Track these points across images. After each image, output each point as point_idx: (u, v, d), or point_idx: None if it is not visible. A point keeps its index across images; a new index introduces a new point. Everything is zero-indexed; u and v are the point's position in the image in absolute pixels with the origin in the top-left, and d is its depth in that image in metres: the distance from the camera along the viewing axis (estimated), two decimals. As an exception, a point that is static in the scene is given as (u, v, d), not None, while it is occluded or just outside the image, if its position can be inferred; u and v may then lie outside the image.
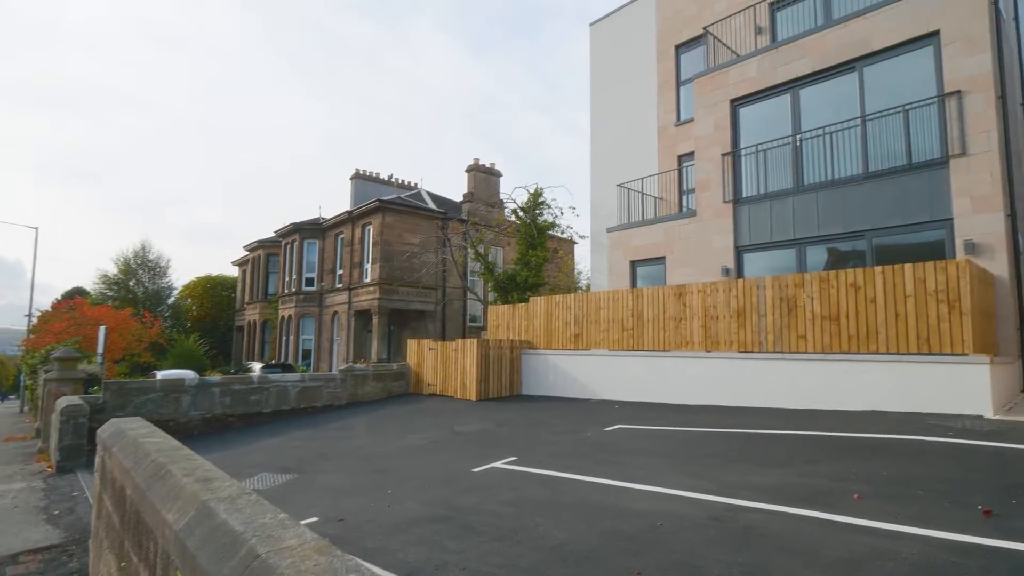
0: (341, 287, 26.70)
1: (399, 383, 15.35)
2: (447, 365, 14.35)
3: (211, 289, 40.33)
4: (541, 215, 20.84)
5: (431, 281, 25.56)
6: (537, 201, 20.77)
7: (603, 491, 5.41)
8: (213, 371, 25.83)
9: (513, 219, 21.98)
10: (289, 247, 29.19)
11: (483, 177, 28.62)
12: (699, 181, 12.98)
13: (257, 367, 21.44)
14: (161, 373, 18.53)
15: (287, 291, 28.90)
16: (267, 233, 32.52)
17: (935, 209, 9.54)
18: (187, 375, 14.22)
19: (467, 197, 28.24)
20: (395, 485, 6.28)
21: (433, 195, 29.73)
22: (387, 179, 30.75)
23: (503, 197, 25.86)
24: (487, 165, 28.78)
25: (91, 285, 40.53)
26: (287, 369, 21.13)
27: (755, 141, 12.06)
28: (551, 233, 21.40)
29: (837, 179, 10.77)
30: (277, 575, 1.31)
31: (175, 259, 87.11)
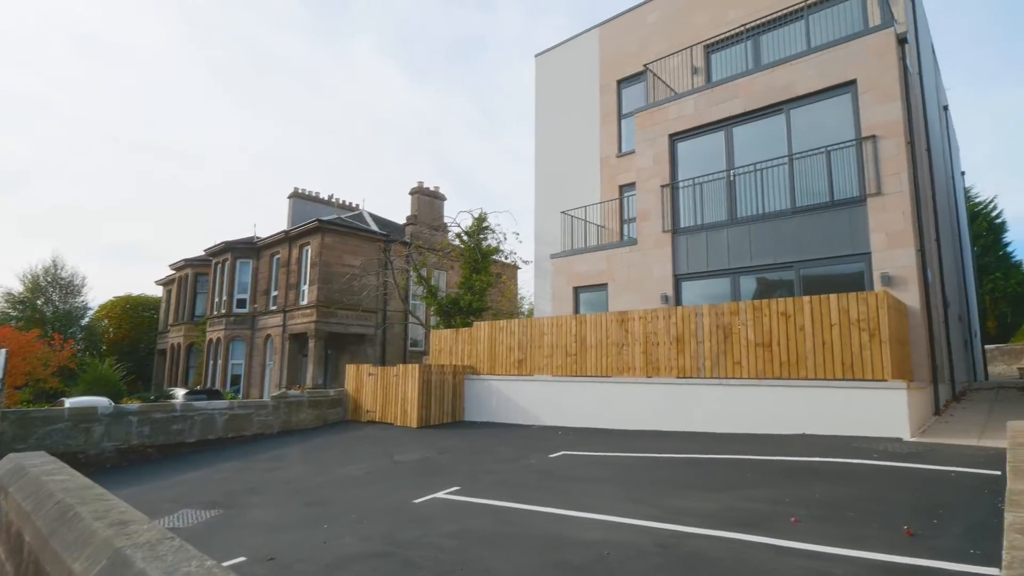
0: (276, 309, 25.64)
1: (336, 410, 14.76)
2: (387, 391, 13.94)
3: (131, 309, 37.78)
4: (485, 240, 20.88)
5: (371, 304, 24.98)
6: (481, 226, 20.82)
7: (549, 520, 5.32)
8: (131, 398, 24.02)
9: (457, 243, 21.91)
10: (220, 266, 27.84)
11: (427, 200, 28.48)
12: (640, 211, 13.39)
13: (180, 393, 20.10)
14: (70, 400, 17.02)
15: (216, 313, 27.45)
16: (196, 251, 30.98)
17: (855, 243, 10.22)
18: (100, 402, 13.13)
19: (410, 220, 27.97)
20: (331, 519, 5.95)
21: (375, 217, 29.27)
22: (327, 199, 30.04)
23: (447, 221, 25.76)
24: (431, 188, 28.68)
25: (-9, 304, 37.13)
26: (214, 395, 19.91)
27: (693, 174, 12.60)
28: (495, 258, 21.46)
29: (768, 213, 11.37)
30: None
31: (92, 277, 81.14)
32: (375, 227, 26.96)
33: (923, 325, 9.60)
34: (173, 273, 33.42)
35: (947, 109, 20.60)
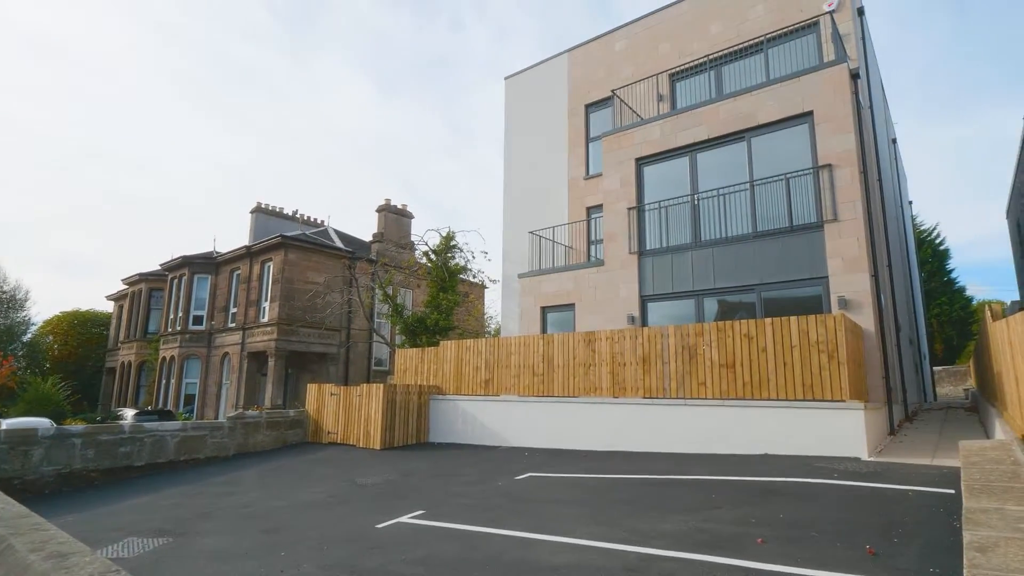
0: (234, 327, 24.85)
1: (295, 431, 14.29)
2: (350, 411, 13.59)
3: (78, 325, 36.08)
4: (453, 258, 20.79)
5: (335, 322, 24.48)
6: (449, 244, 20.74)
7: (516, 544, 5.21)
8: (75, 419, 22.79)
9: (424, 261, 21.75)
10: (176, 281, 26.91)
11: (394, 218, 28.28)
12: (607, 233, 13.56)
13: (130, 414, 19.16)
14: (7, 422, 16.01)
15: (171, 329, 26.43)
16: (152, 266, 29.90)
17: (814, 267, 10.56)
18: (41, 424, 12.41)
19: (377, 237, 27.68)
20: (289, 546, 5.69)
21: (341, 233, 28.87)
22: (292, 214, 29.51)
23: (414, 239, 25.64)
24: (398, 206, 28.51)
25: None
26: (166, 416, 19.05)
27: (658, 198, 12.86)
28: (463, 277, 21.36)
29: (731, 237, 11.66)
30: None
31: (38, 291, 77.14)
32: (340, 244, 26.57)
33: (878, 347, 9.93)
34: (126, 288, 32.11)
35: (895, 142, 21.69)
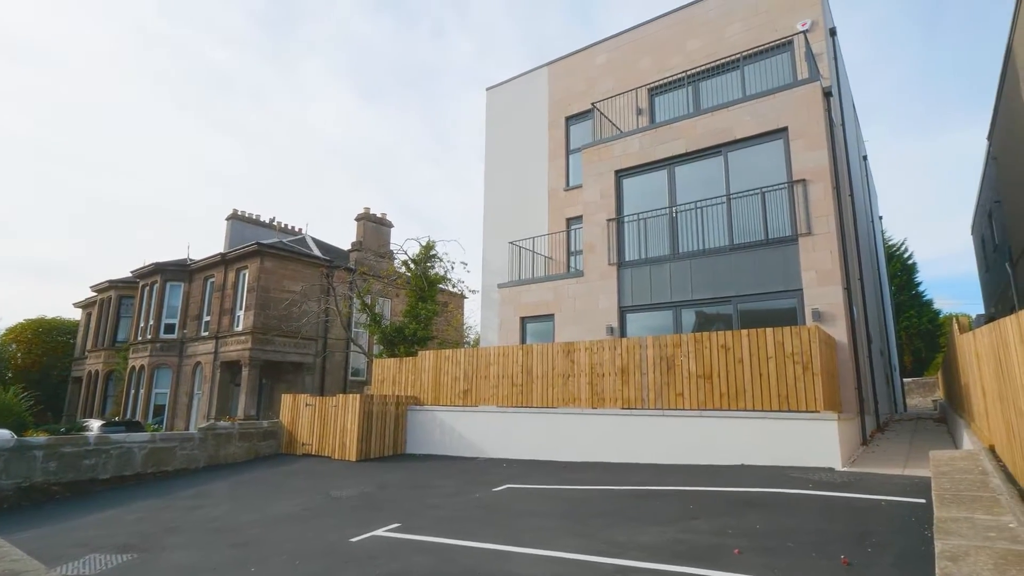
0: (207, 335, 24.34)
1: (269, 443, 13.98)
2: (325, 422, 13.35)
3: (43, 333, 34.90)
4: (433, 268, 20.68)
5: (312, 332, 24.12)
6: (429, 254, 20.64)
7: (494, 557, 5.15)
8: (38, 430, 21.96)
9: (403, 271, 21.60)
10: (148, 289, 26.29)
11: (373, 227, 28.07)
12: (586, 244, 13.64)
13: (96, 425, 18.56)
14: (-35, 433, 15.36)
15: (141, 338, 25.76)
16: (123, 273, 29.19)
17: (789, 280, 10.74)
18: (0, 435, 11.90)
19: (355, 246, 27.43)
20: (260, 562, 5.53)
21: (319, 242, 28.56)
22: (269, 222, 29.11)
23: (393, 248, 25.44)
24: (378, 215, 28.33)
25: None
26: (134, 427, 18.50)
27: (637, 210, 12.99)
28: (442, 287, 21.25)
29: (708, 249, 11.81)
30: None
31: (7, 297, 74.55)
32: (318, 252, 26.27)
33: (850, 359, 10.12)
34: (95, 295, 31.26)
35: (866, 159, 22.29)
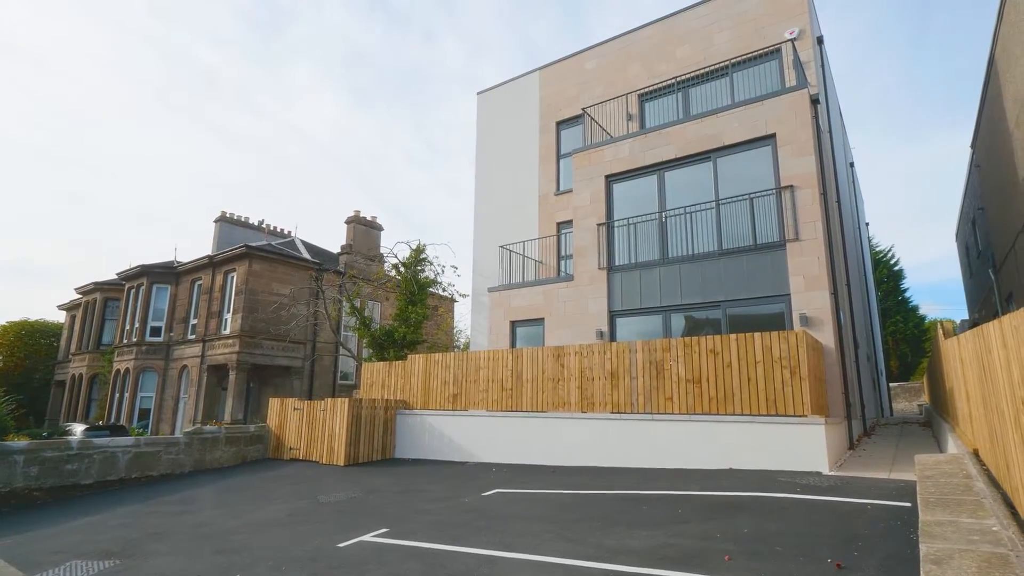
0: (194, 338, 24.08)
1: (256, 447, 13.84)
2: (313, 426, 13.25)
3: (26, 336, 34.38)
4: (423, 271, 20.63)
5: (300, 335, 23.95)
6: (419, 257, 20.59)
7: (481, 562, 5.12)
8: (19, 435, 21.59)
9: (393, 274, 21.53)
10: (134, 291, 25.98)
11: (363, 230, 27.97)
12: (576, 248, 13.66)
13: (79, 429, 18.29)
14: (-56, 437, 15.07)
15: (127, 341, 25.44)
16: (108, 275, 28.83)
17: (777, 285, 10.82)
18: (-19, 440, 11.67)
19: (345, 249, 27.31)
20: (245, 568, 5.47)
21: (308, 244, 28.39)
22: (257, 224, 28.92)
23: (383, 251, 25.34)
24: (368, 218, 28.23)
25: None
26: (118, 432, 18.24)
27: (627, 214, 13.04)
28: (432, 290, 21.20)
29: (697, 254, 11.88)
30: None
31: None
32: (307, 255, 26.11)
33: (837, 363, 10.20)
34: (79, 298, 30.85)
35: (853, 166, 22.56)
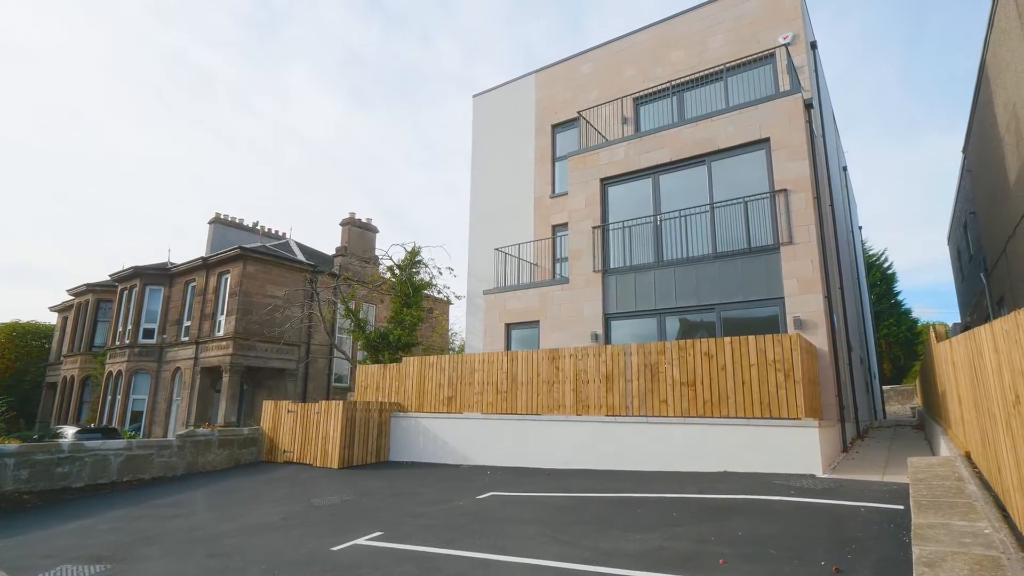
0: (188, 340, 23.96)
1: (249, 450, 13.77)
2: (307, 429, 13.19)
3: (17, 338, 34.10)
4: (418, 274, 20.61)
5: (294, 337, 23.87)
6: (414, 259, 20.57)
7: (476, 566, 5.10)
8: (9, 437, 21.40)
9: (388, 276, 21.49)
10: (127, 293, 25.84)
11: (358, 232, 27.93)
12: (572, 251, 13.68)
13: (70, 432, 18.14)
14: (-67, 440, 14.94)
15: (119, 343, 25.28)
16: (101, 276, 28.65)
17: (771, 288, 10.86)
18: (-29, 442, 11.58)
19: (340, 251, 27.26)
20: (238, 571, 5.43)
21: (303, 246, 28.32)
22: (252, 226, 28.81)
23: (378, 253, 25.33)
24: (363, 220, 28.20)
25: None
26: (109, 434, 18.11)
27: (622, 217, 13.07)
28: (427, 292, 21.17)
29: (691, 257, 11.92)
30: None
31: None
32: (302, 257, 26.04)
33: (831, 366, 10.24)
34: (72, 299, 30.64)
35: (846, 169, 22.70)
